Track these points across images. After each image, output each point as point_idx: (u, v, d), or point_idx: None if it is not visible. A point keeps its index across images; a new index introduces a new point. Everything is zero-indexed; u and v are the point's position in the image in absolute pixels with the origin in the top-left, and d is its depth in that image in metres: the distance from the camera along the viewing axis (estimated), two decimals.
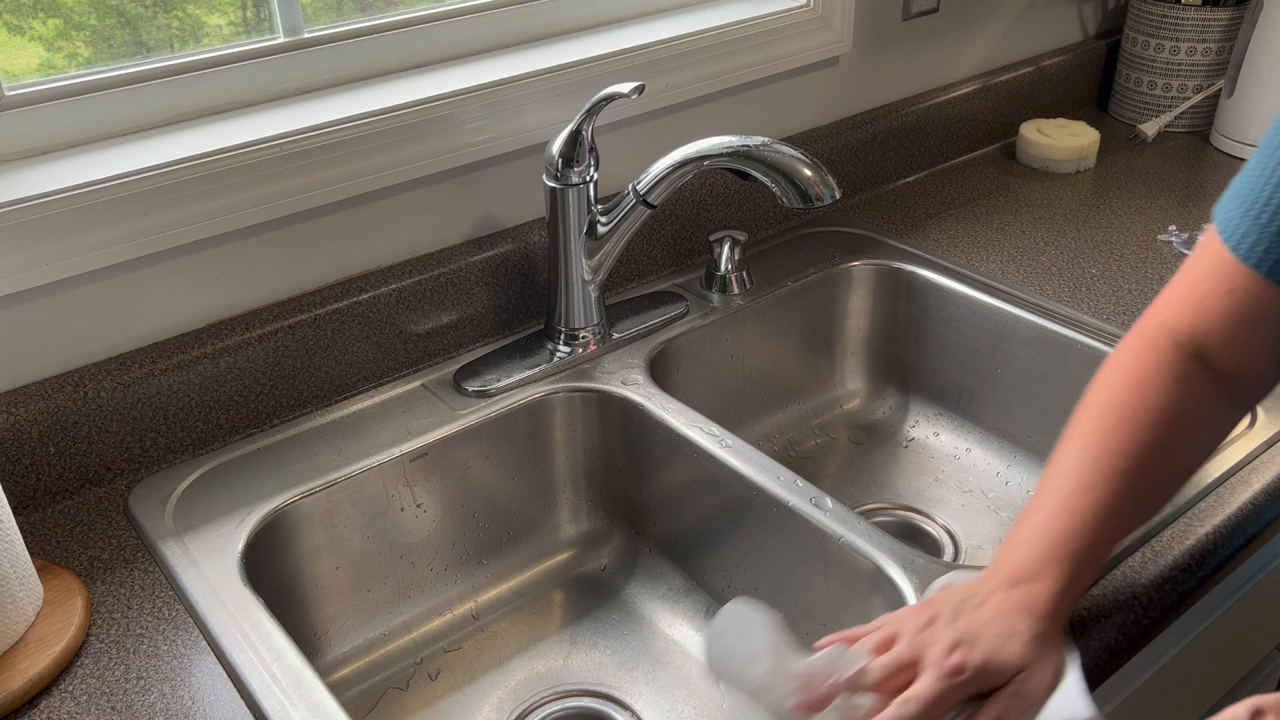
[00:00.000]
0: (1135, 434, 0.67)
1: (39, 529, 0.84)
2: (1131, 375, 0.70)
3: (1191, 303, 0.69)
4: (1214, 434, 0.71)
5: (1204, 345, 0.69)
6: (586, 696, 0.93)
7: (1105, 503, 0.66)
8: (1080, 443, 0.68)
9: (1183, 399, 0.68)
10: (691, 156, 0.95)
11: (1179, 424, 0.68)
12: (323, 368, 0.97)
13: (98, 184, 0.82)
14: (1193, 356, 0.69)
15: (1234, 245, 0.65)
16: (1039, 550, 0.66)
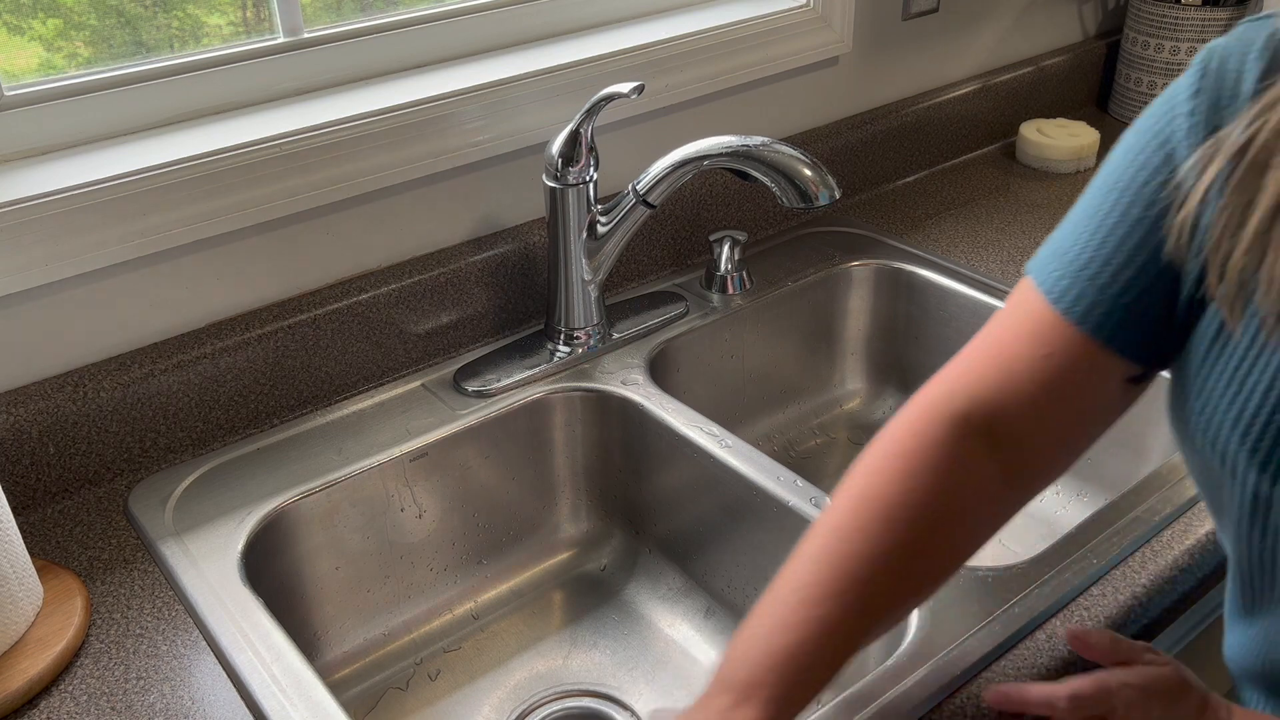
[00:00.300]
0: (887, 535, 0.60)
1: (39, 529, 0.84)
2: (897, 463, 0.62)
3: (997, 368, 0.61)
4: (986, 527, 0.64)
5: (999, 419, 0.62)
6: (586, 696, 0.93)
7: (833, 620, 0.59)
8: (820, 542, 0.61)
9: (954, 491, 0.61)
10: (691, 156, 0.95)
11: (944, 521, 0.61)
12: (322, 368, 0.97)
13: (98, 184, 0.82)
14: (980, 435, 0.62)
15: (1055, 299, 0.59)
16: (751, 672, 0.60)
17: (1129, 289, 0.57)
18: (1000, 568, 0.80)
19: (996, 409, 0.61)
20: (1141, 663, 0.66)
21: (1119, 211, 0.57)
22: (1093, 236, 0.58)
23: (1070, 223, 0.61)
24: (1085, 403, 0.61)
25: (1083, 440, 0.63)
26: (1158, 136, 0.56)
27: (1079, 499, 1.10)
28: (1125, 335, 0.58)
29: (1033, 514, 1.09)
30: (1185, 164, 0.53)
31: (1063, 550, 0.80)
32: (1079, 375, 0.59)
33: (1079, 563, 0.79)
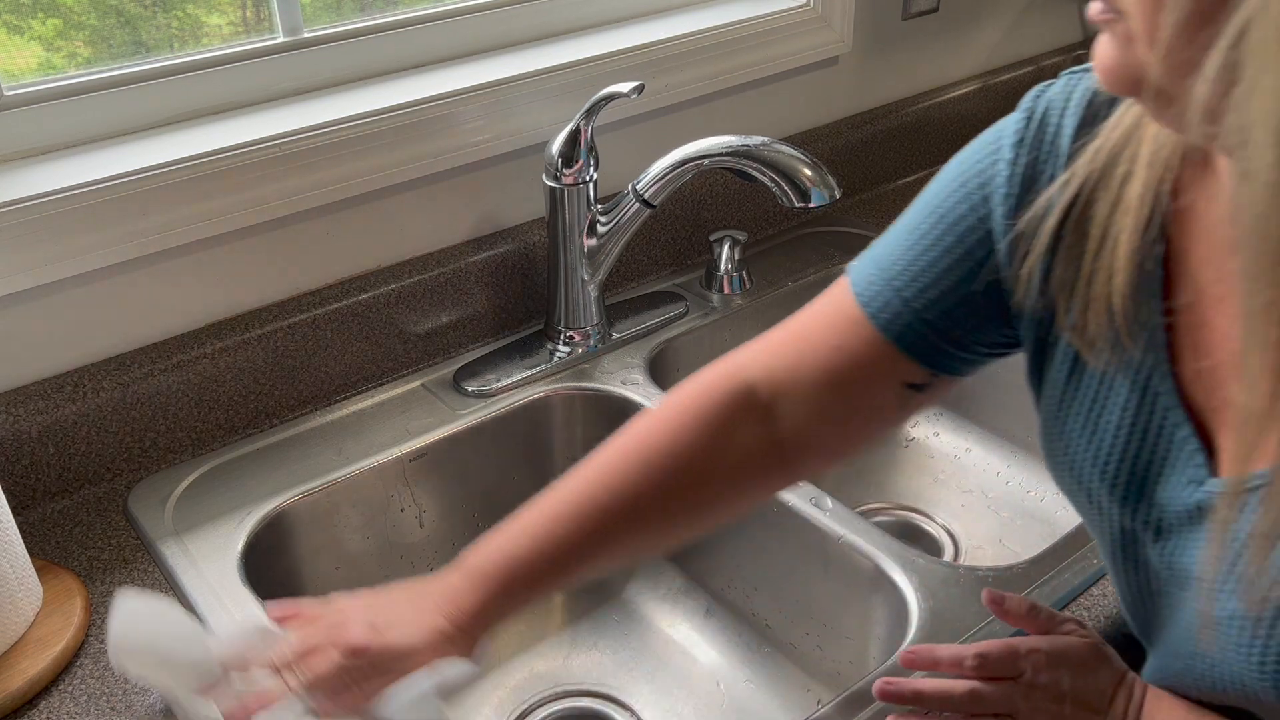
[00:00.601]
0: (641, 477, 0.65)
1: (38, 529, 0.84)
2: (674, 414, 0.67)
3: (793, 350, 0.66)
4: (747, 496, 0.69)
5: (782, 397, 0.66)
6: (586, 697, 0.93)
7: (571, 540, 0.65)
8: (585, 471, 0.67)
9: (720, 452, 0.66)
10: (691, 156, 0.95)
11: (703, 478, 0.66)
12: (322, 368, 0.97)
13: (98, 184, 0.82)
14: (761, 408, 0.66)
15: (864, 301, 0.63)
16: (486, 563, 0.66)
17: (931, 307, 0.60)
18: (1000, 568, 0.80)
19: (782, 387, 0.66)
20: (1060, 632, 0.66)
21: (933, 236, 0.61)
22: (906, 252, 0.62)
23: (891, 234, 0.64)
24: (864, 399, 0.64)
25: (855, 438, 0.68)
26: (980, 176, 0.59)
27: None
28: (920, 344, 0.61)
29: (1033, 514, 1.09)
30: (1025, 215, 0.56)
31: (1062, 550, 0.80)
32: (864, 370, 0.63)
33: (1079, 563, 0.79)
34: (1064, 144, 0.56)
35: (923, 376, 0.63)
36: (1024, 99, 0.59)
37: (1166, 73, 0.42)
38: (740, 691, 0.93)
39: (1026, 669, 0.63)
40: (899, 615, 0.78)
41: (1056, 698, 0.63)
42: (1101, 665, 0.64)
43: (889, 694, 0.64)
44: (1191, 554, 0.54)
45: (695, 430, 0.66)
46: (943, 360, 0.62)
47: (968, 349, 0.62)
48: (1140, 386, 0.55)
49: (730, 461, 0.66)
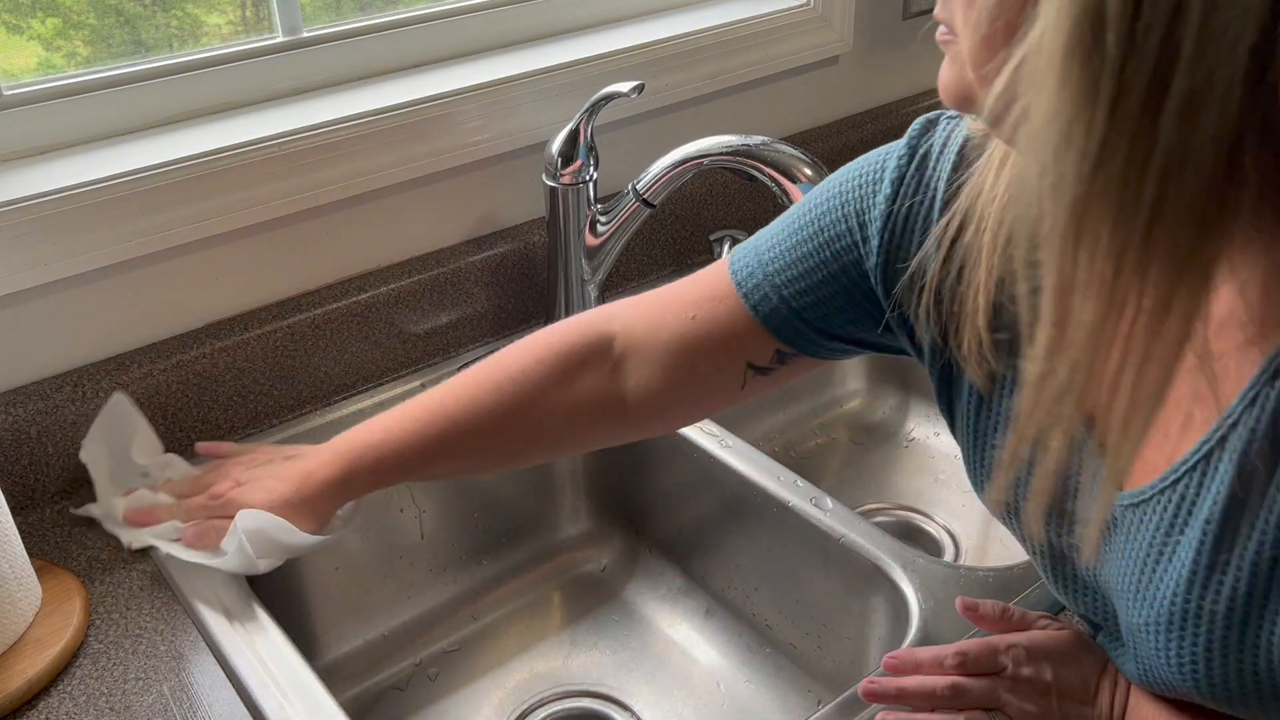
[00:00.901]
0: (489, 398, 0.74)
1: (37, 529, 0.84)
2: (535, 348, 0.75)
3: (656, 311, 0.72)
4: (588, 436, 0.77)
5: (634, 351, 0.73)
6: (586, 697, 0.93)
7: (416, 440, 0.75)
8: (450, 383, 0.77)
9: (566, 390, 0.73)
10: (691, 156, 0.94)
11: (546, 411, 0.74)
12: (322, 368, 0.97)
13: (97, 184, 0.82)
14: (614, 358, 0.74)
15: (737, 279, 0.68)
16: (340, 446, 0.77)
17: (800, 298, 0.65)
18: (1000, 568, 0.80)
19: (636, 343, 0.73)
20: (1036, 629, 0.67)
21: (810, 245, 0.65)
22: (783, 247, 0.66)
23: (774, 227, 0.68)
24: (708, 370, 0.70)
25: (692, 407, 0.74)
26: (858, 203, 0.63)
27: None
28: (783, 325, 0.66)
29: None
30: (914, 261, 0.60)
31: None
32: (716, 342, 0.69)
33: None
34: (940, 188, 0.59)
35: (769, 359, 0.68)
36: (910, 131, 0.62)
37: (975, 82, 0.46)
38: (740, 691, 0.92)
39: (1008, 664, 0.64)
40: (899, 615, 0.78)
41: (1042, 690, 0.63)
42: (1083, 655, 0.64)
43: (873, 694, 0.65)
44: (1109, 567, 0.56)
45: (546, 366, 0.74)
46: (803, 342, 0.67)
47: (829, 340, 0.67)
48: None
49: (569, 402, 0.74)
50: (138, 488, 0.81)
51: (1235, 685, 0.50)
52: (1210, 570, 0.49)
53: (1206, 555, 0.49)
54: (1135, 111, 0.38)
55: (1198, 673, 0.51)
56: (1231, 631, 0.49)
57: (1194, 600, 0.50)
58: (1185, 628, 0.51)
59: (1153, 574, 0.52)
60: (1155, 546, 0.52)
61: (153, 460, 0.83)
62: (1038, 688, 0.63)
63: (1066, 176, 0.40)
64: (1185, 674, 0.52)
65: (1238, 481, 0.47)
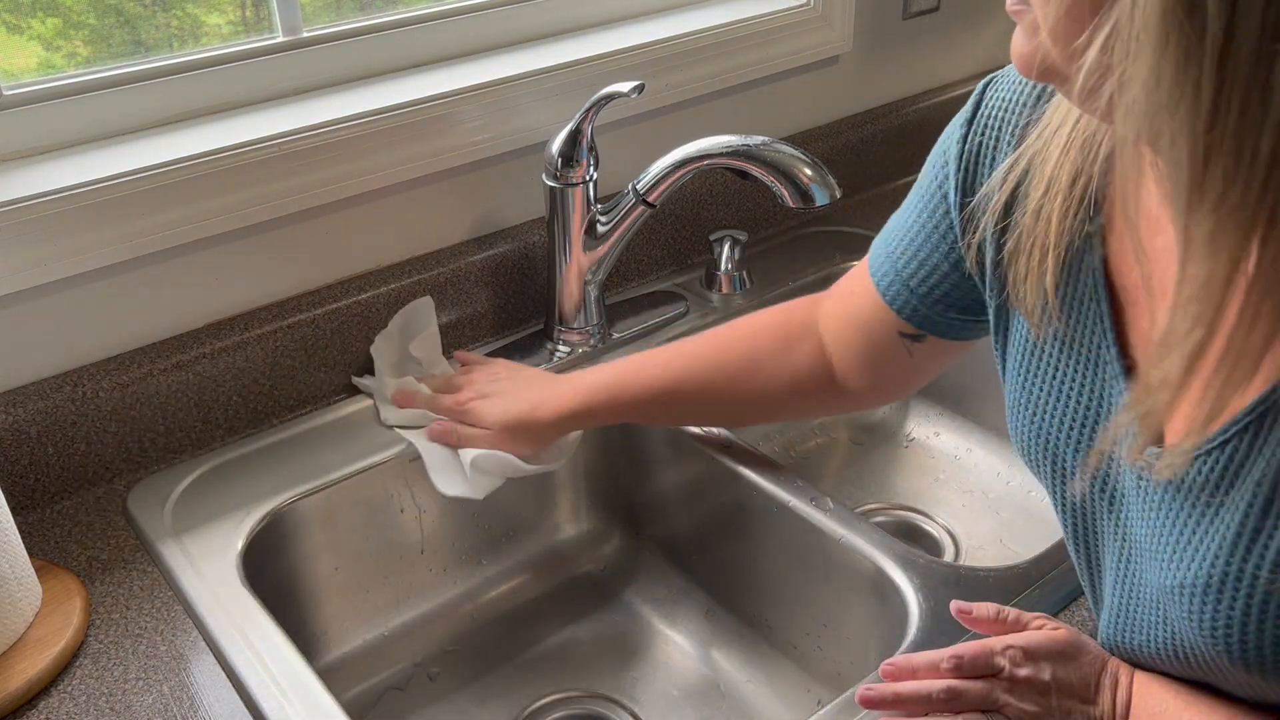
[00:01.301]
0: (722, 359, 0.84)
1: (37, 529, 0.84)
2: (766, 322, 0.85)
3: (841, 296, 0.81)
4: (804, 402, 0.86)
5: (828, 331, 0.82)
6: (586, 697, 0.93)
7: (649, 392, 0.86)
8: (684, 346, 0.88)
9: (785, 360, 0.83)
10: (691, 156, 0.94)
11: (761, 370, 0.83)
12: (322, 368, 0.97)
13: (97, 184, 0.82)
14: (818, 337, 0.83)
15: (873, 270, 0.75)
16: (585, 383, 0.88)
17: (916, 274, 0.71)
18: (1000, 568, 0.80)
19: (830, 322, 0.82)
20: (1032, 629, 0.67)
21: (915, 211, 0.72)
22: (898, 227, 0.73)
23: (898, 211, 0.75)
24: (878, 344, 0.77)
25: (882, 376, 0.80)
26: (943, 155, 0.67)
27: None
28: (902, 300, 0.73)
29: (1033, 514, 1.09)
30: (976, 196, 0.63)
31: (1063, 550, 0.80)
32: (874, 322, 0.76)
33: None
34: (1011, 124, 0.62)
35: (912, 329, 0.74)
36: (979, 86, 0.66)
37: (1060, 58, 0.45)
38: (740, 692, 0.92)
39: (1005, 664, 0.64)
40: (899, 615, 0.78)
41: (1041, 689, 0.63)
42: (1081, 653, 0.64)
43: (869, 701, 0.65)
44: (1142, 525, 0.56)
45: (770, 337, 0.84)
46: (930, 323, 0.73)
47: (951, 315, 0.72)
48: (1092, 358, 0.58)
49: (789, 370, 0.83)
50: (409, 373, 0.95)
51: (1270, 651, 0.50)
52: (1257, 533, 0.49)
53: (1255, 518, 0.49)
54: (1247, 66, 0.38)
55: (1231, 638, 0.51)
56: (1273, 597, 0.49)
57: (1236, 563, 0.50)
58: (1224, 591, 0.50)
59: (1193, 534, 0.52)
60: (1199, 506, 0.51)
61: (425, 353, 0.96)
62: (1036, 687, 0.63)
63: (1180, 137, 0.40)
64: (1218, 639, 0.51)
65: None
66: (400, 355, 0.96)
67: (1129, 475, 0.56)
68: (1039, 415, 0.62)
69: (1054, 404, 0.61)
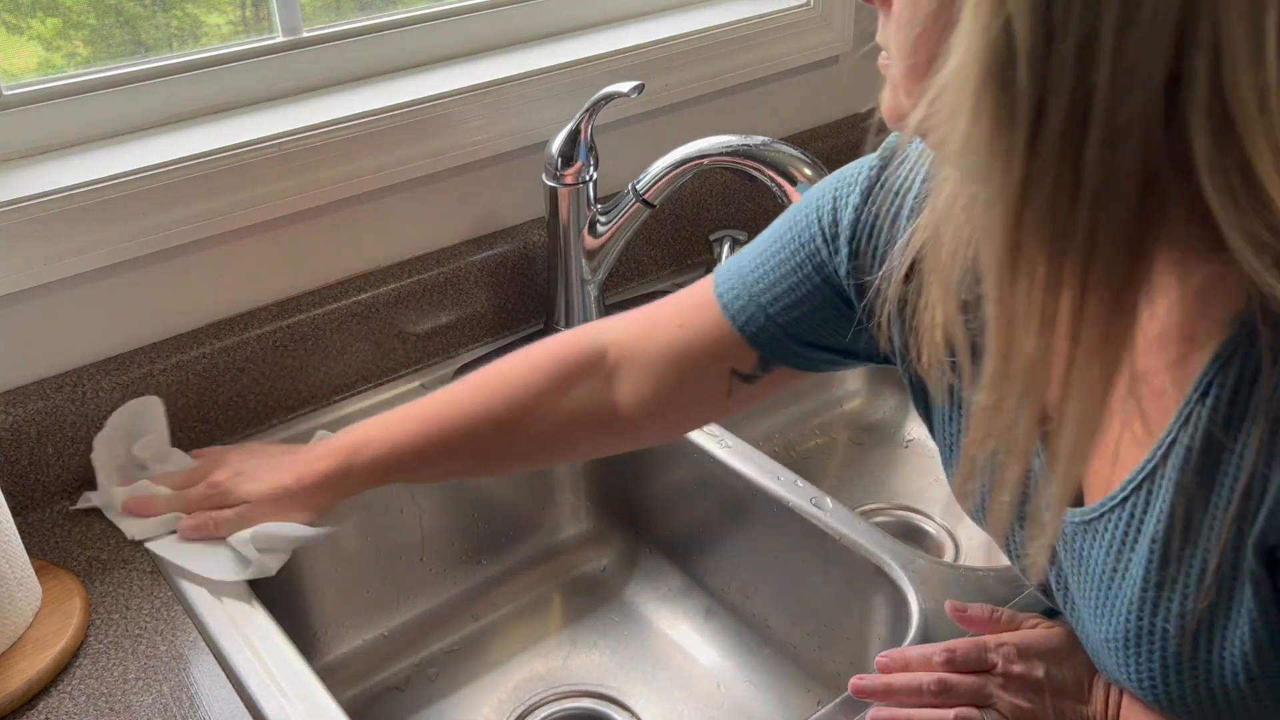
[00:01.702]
0: (490, 404, 0.77)
1: (37, 529, 0.84)
2: (537, 357, 0.78)
3: (646, 324, 0.75)
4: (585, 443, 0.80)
5: (626, 363, 0.75)
6: (586, 697, 0.93)
7: (412, 442, 0.78)
8: (448, 390, 0.80)
9: (563, 397, 0.76)
10: (691, 156, 0.94)
11: (544, 417, 0.76)
12: (321, 368, 0.97)
13: (97, 184, 0.82)
14: (608, 369, 0.76)
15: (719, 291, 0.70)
16: (340, 443, 0.80)
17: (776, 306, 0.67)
18: (1000, 568, 0.80)
19: (627, 354, 0.75)
20: (1025, 628, 0.67)
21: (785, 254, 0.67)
22: (762, 258, 0.69)
23: (757, 241, 0.70)
24: (695, 378, 0.72)
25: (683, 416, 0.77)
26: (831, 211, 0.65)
27: None
28: (761, 334, 0.68)
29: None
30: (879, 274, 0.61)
31: None
32: (701, 350, 0.71)
33: None
34: (908, 200, 0.60)
35: (752, 367, 0.70)
36: (885, 143, 0.63)
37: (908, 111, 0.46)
38: (740, 691, 0.92)
39: (998, 660, 0.64)
40: (899, 615, 0.78)
41: (1034, 686, 0.63)
42: (1075, 653, 0.64)
43: (862, 690, 0.65)
44: (1074, 580, 0.56)
45: (542, 375, 0.76)
46: (783, 352, 0.69)
47: (811, 350, 0.69)
48: None
49: (565, 411, 0.76)
50: (137, 479, 0.83)
51: (1192, 701, 0.50)
52: (1159, 589, 0.49)
53: (1155, 574, 0.49)
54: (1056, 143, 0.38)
55: (1155, 689, 0.51)
56: (1184, 649, 0.49)
57: (1146, 619, 0.50)
58: (1140, 645, 0.51)
59: (1109, 591, 0.52)
60: (1109, 564, 0.52)
61: (152, 454, 0.85)
62: (1029, 684, 0.63)
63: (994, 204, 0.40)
64: (1145, 689, 0.52)
65: (1177, 500, 0.47)
66: (124, 460, 0.85)
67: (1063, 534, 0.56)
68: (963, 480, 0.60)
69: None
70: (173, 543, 0.79)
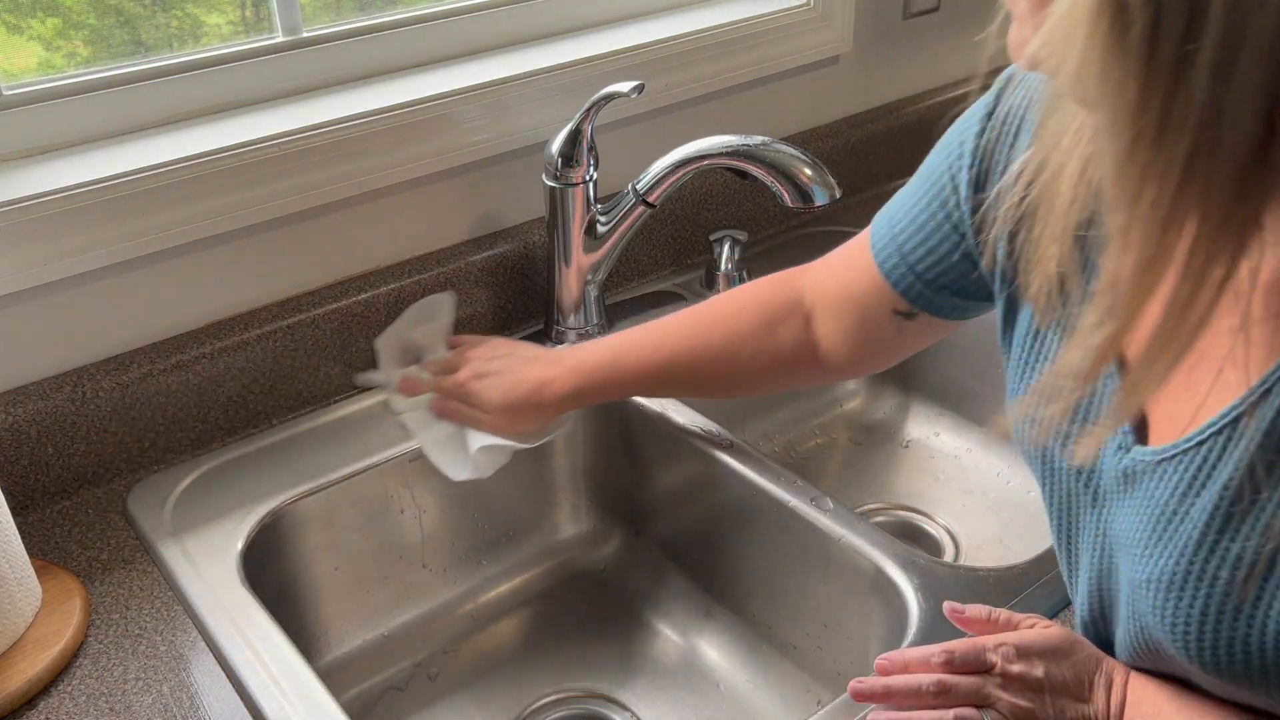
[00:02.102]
0: (711, 336, 0.85)
1: (37, 529, 0.84)
2: (750, 298, 0.86)
3: (829, 271, 0.82)
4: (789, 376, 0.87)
5: (817, 306, 0.82)
6: (586, 697, 0.93)
7: (639, 371, 0.87)
8: (678, 319, 0.88)
9: (770, 335, 0.84)
10: (691, 156, 0.94)
11: (755, 351, 0.84)
12: (322, 368, 0.97)
13: (97, 184, 0.82)
14: (805, 311, 0.83)
15: (873, 242, 0.75)
16: (581, 364, 0.88)
17: (916, 250, 0.72)
18: (1000, 568, 0.80)
19: (818, 296, 0.82)
20: (1024, 628, 0.67)
21: (918, 196, 0.71)
22: (903, 206, 0.73)
23: (904, 189, 0.75)
24: (869, 318, 0.78)
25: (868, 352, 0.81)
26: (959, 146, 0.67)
27: None
28: (899, 276, 0.73)
29: (1033, 514, 1.09)
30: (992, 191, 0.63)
31: None
32: (868, 295, 0.77)
33: None
34: (1029, 119, 0.61)
35: (907, 307, 0.74)
36: (999, 78, 0.65)
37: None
38: (740, 692, 0.92)
39: (997, 661, 0.64)
40: (899, 615, 0.78)
41: (1034, 686, 0.63)
42: (1075, 652, 0.64)
43: (860, 693, 0.65)
44: (1121, 521, 0.57)
45: (751, 315, 0.85)
46: (924, 301, 0.73)
47: (950, 297, 0.72)
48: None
49: (770, 350, 0.84)
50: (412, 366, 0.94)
51: (1224, 654, 0.51)
52: (1220, 533, 0.50)
53: (1219, 519, 0.50)
54: (1168, 67, 0.39)
55: (1189, 635, 0.52)
56: (1230, 599, 0.50)
57: (1199, 562, 0.51)
58: (1186, 589, 0.52)
59: (1164, 531, 0.53)
60: (1172, 504, 0.52)
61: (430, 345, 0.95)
62: (1029, 684, 0.63)
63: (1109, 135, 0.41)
64: (1178, 635, 0.53)
65: (1258, 453, 0.48)
66: (405, 344, 0.95)
67: (1111, 470, 0.57)
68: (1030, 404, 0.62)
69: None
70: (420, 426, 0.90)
